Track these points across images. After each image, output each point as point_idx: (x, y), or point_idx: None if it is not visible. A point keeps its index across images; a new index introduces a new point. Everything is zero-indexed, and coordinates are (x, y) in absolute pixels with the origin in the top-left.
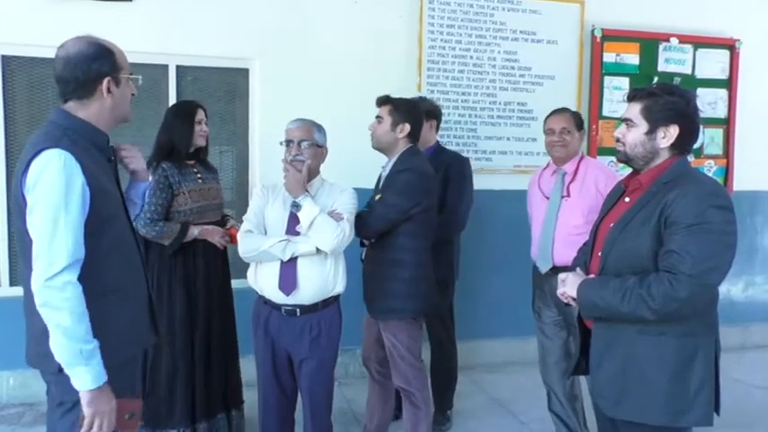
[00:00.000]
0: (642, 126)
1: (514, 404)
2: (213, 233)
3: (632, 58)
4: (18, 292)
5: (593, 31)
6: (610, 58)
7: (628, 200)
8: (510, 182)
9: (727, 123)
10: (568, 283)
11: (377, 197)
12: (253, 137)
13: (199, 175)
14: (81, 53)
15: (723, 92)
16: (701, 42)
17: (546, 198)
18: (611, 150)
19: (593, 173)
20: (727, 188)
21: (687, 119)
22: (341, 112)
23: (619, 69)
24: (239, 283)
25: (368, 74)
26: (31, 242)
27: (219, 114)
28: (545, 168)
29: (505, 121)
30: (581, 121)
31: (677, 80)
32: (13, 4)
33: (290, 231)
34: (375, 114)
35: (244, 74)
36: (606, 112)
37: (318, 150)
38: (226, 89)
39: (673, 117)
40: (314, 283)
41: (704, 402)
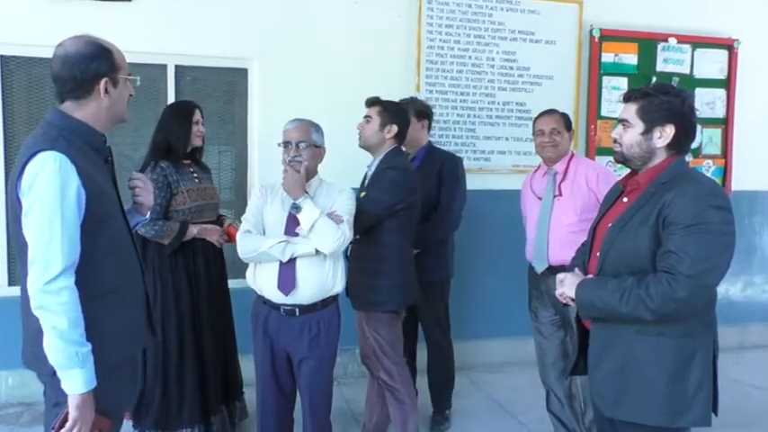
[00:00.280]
0: (638, 126)
1: (513, 404)
2: (212, 232)
3: (631, 58)
4: (17, 292)
5: (591, 31)
6: (608, 58)
7: (626, 200)
8: (508, 182)
9: (725, 123)
10: (567, 283)
11: (362, 195)
12: (252, 137)
13: (195, 174)
14: (79, 52)
15: (722, 92)
16: (699, 42)
17: (539, 199)
18: (609, 150)
19: (583, 171)
20: (725, 188)
21: (683, 118)
22: (340, 112)
23: (617, 69)
24: (236, 283)
25: (367, 74)
26: (26, 244)
27: (218, 114)
28: (536, 170)
29: (504, 121)
30: (569, 121)
31: (676, 80)
32: (12, 4)
33: (288, 232)
34: (364, 114)
35: (243, 74)
36: (604, 112)
37: (316, 151)
38: (225, 89)
39: (668, 117)
40: (313, 283)
41: (702, 402)
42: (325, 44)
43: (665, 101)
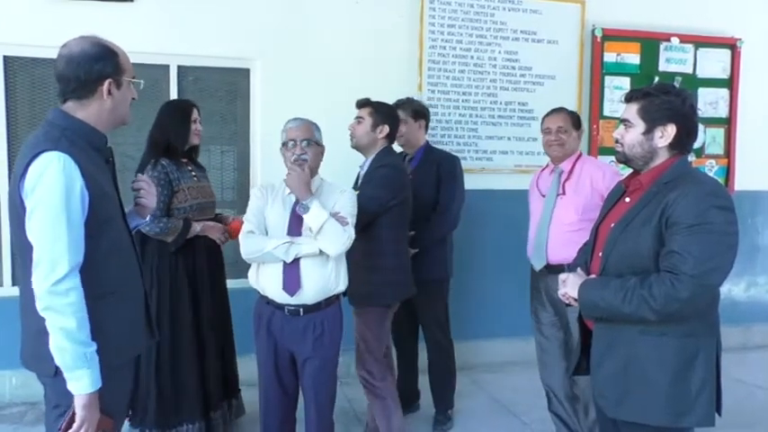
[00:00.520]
0: (639, 126)
1: (515, 404)
2: (214, 229)
3: (633, 58)
4: None
5: (593, 30)
6: (610, 57)
7: (628, 200)
8: (511, 182)
9: (728, 123)
10: (569, 283)
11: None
12: (254, 137)
13: (193, 173)
14: (84, 53)
15: (724, 91)
16: (701, 42)
17: (543, 197)
18: (611, 150)
19: (589, 171)
20: (728, 188)
21: (684, 117)
22: (342, 112)
23: (619, 69)
24: (234, 282)
25: (369, 74)
26: (27, 244)
27: (221, 114)
28: (544, 168)
29: (506, 120)
30: (578, 120)
31: (678, 80)
32: (15, 4)
33: (291, 232)
34: (355, 115)
35: (245, 74)
36: (607, 111)
37: (318, 149)
38: (227, 89)
39: (669, 116)
40: (317, 283)
41: (705, 403)
42: (327, 44)
43: (665, 100)
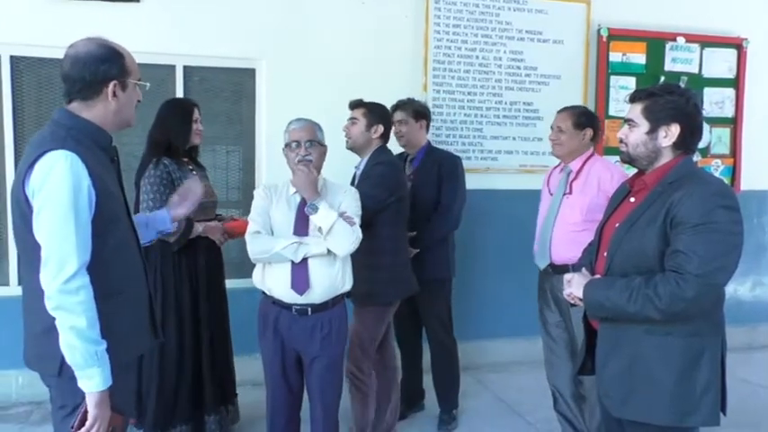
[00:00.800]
0: (643, 126)
1: (520, 404)
2: (215, 230)
3: (639, 58)
4: None
5: (599, 30)
6: (616, 57)
7: (633, 200)
8: (516, 181)
9: (734, 123)
10: (574, 283)
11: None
12: (259, 137)
13: (195, 172)
14: (90, 53)
15: (730, 91)
16: (707, 41)
17: (552, 195)
18: (617, 150)
19: (597, 171)
20: (734, 188)
21: (688, 117)
22: (347, 112)
23: (625, 69)
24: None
25: (374, 73)
26: (31, 243)
27: (226, 114)
28: (556, 166)
29: (511, 120)
30: (583, 120)
31: (684, 80)
32: (21, 5)
33: (297, 232)
34: (348, 117)
35: (250, 74)
36: (612, 111)
37: (322, 149)
38: (232, 89)
39: (673, 116)
40: (325, 282)
41: (711, 402)
42: (332, 44)
43: (669, 100)
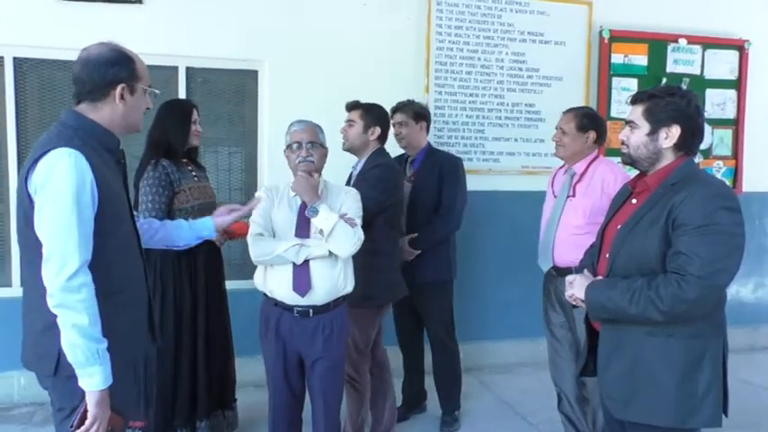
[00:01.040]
0: (644, 127)
1: (523, 405)
2: None
3: (640, 59)
4: None
5: (601, 32)
6: (618, 59)
7: (635, 201)
8: (517, 183)
9: (736, 124)
10: (576, 285)
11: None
12: (262, 138)
13: (194, 173)
14: (101, 56)
15: (732, 92)
16: (709, 43)
17: (555, 197)
18: (619, 152)
19: (601, 174)
20: (736, 189)
21: (688, 118)
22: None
23: (627, 70)
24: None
25: (376, 75)
26: (32, 240)
27: (228, 116)
28: (560, 167)
29: (513, 122)
30: (586, 122)
31: (686, 81)
32: (25, 6)
33: (299, 234)
34: (345, 119)
35: (253, 75)
36: (614, 113)
37: (323, 151)
38: (235, 90)
39: (674, 117)
40: (326, 284)
41: (713, 403)
42: (334, 46)
43: (670, 102)
